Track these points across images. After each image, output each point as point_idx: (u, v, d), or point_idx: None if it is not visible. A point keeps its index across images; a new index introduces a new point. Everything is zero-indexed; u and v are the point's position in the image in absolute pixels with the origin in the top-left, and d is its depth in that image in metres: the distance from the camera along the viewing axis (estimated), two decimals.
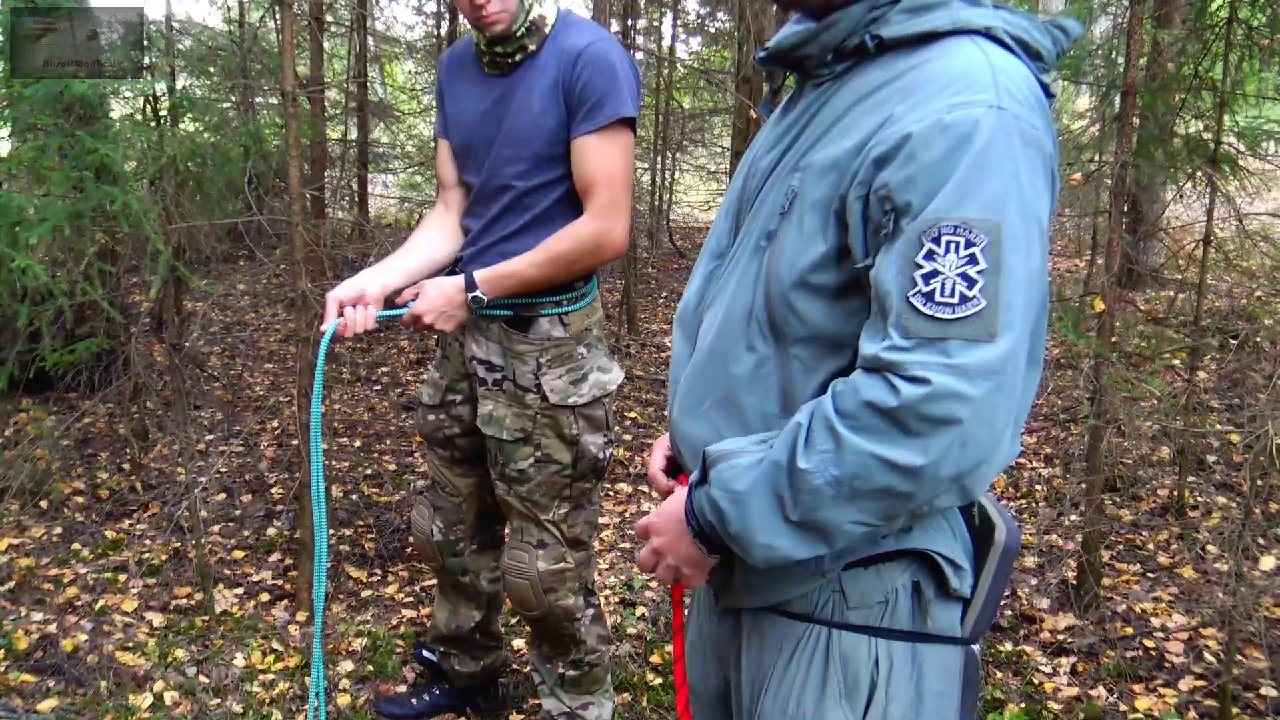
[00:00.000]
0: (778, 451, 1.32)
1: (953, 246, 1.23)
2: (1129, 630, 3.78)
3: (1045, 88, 1.38)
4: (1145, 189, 6.30)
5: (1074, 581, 3.97)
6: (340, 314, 2.49)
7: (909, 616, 1.47)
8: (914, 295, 1.24)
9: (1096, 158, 5.18)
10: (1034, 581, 4.12)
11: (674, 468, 1.67)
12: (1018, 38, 1.36)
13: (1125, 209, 6.47)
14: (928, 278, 1.24)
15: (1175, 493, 4.75)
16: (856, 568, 1.44)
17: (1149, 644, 3.70)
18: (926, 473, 1.23)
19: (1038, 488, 5.05)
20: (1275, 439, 3.20)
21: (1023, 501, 4.94)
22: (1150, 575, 4.20)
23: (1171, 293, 7.09)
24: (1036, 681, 3.50)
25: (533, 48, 2.57)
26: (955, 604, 1.51)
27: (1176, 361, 6.04)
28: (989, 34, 1.34)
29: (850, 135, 1.35)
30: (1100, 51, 5.57)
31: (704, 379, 1.50)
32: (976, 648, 1.56)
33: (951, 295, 1.23)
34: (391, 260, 2.70)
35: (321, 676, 2.42)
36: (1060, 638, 3.75)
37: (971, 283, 1.22)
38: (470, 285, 2.53)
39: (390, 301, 2.61)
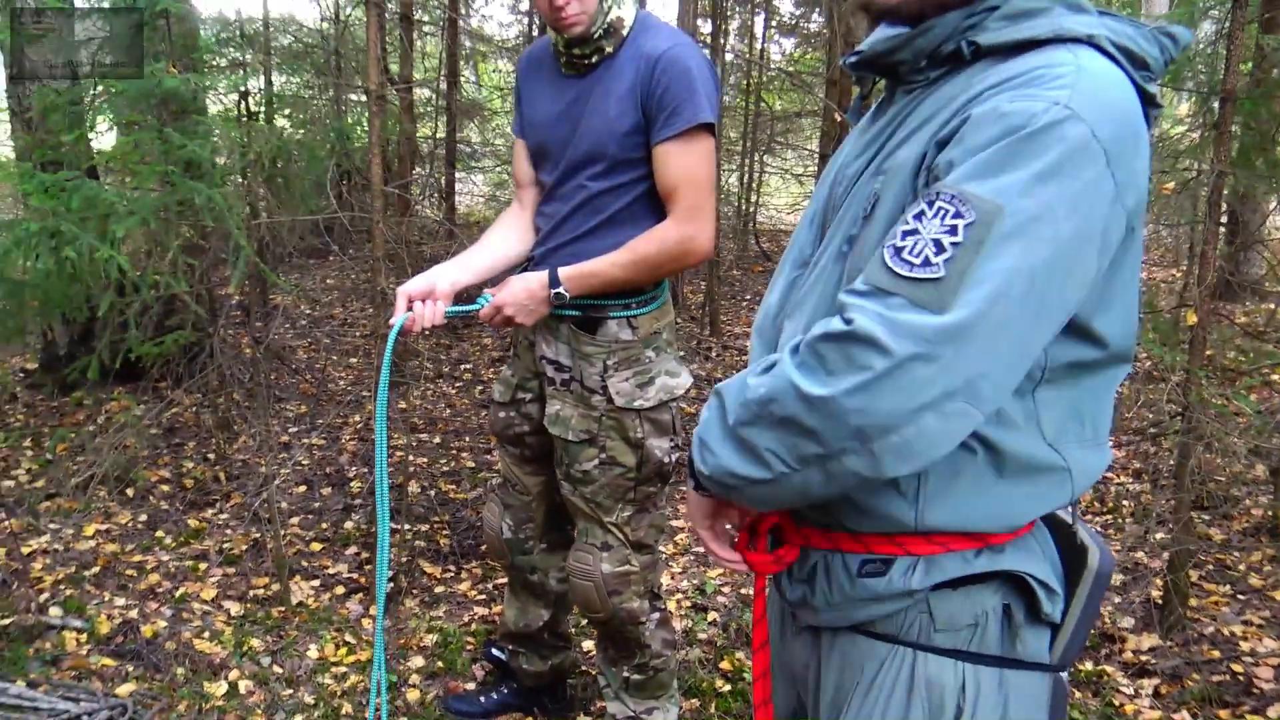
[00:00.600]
0: (744, 375, 1.34)
1: (940, 213, 1.20)
2: (1216, 653, 3.67)
3: (1149, 98, 1.32)
4: (1245, 198, 6.11)
5: (1159, 601, 3.86)
6: (409, 308, 2.51)
7: (998, 641, 1.43)
8: (887, 248, 1.23)
9: (1194, 166, 5.05)
10: (1117, 599, 4.01)
11: None
12: (1122, 47, 1.30)
13: (1224, 219, 6.31)
14: (906, 234, 1.22)
15: (1270, 513, 4.61)
16: (945, 589, 1.41)
17: (1237, 668, 3.58)
18: (826, 408, 1.20)
19: (1125, 503, 4.92)
20: None
21: (1109, 516, 4.82)
22: (1240, 597, 4.07)
23: (1272, 305, 6.89)
24: (1117, 703, 3.41)
25: (610, 50, 2.55)
26: (1045, 629, 1.47)
27: (1276, 377, 5.86)
28: (1091, 42, 1.29)
29: (929, 130, 1.32)
30: (1201, 56, 5.42)
31: None
32: (1065, 676, 1.51)
33: (916, 256, 1.20)
34: (464, 257, 2.71)
35: (384, 667, 2.43)
36: (1143, 658, 3.65)
37: (940, 250, 1.18)
38: (554, 281, 2.53)
39: (461, 298, 2.61)
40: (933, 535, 1.38)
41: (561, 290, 2.53)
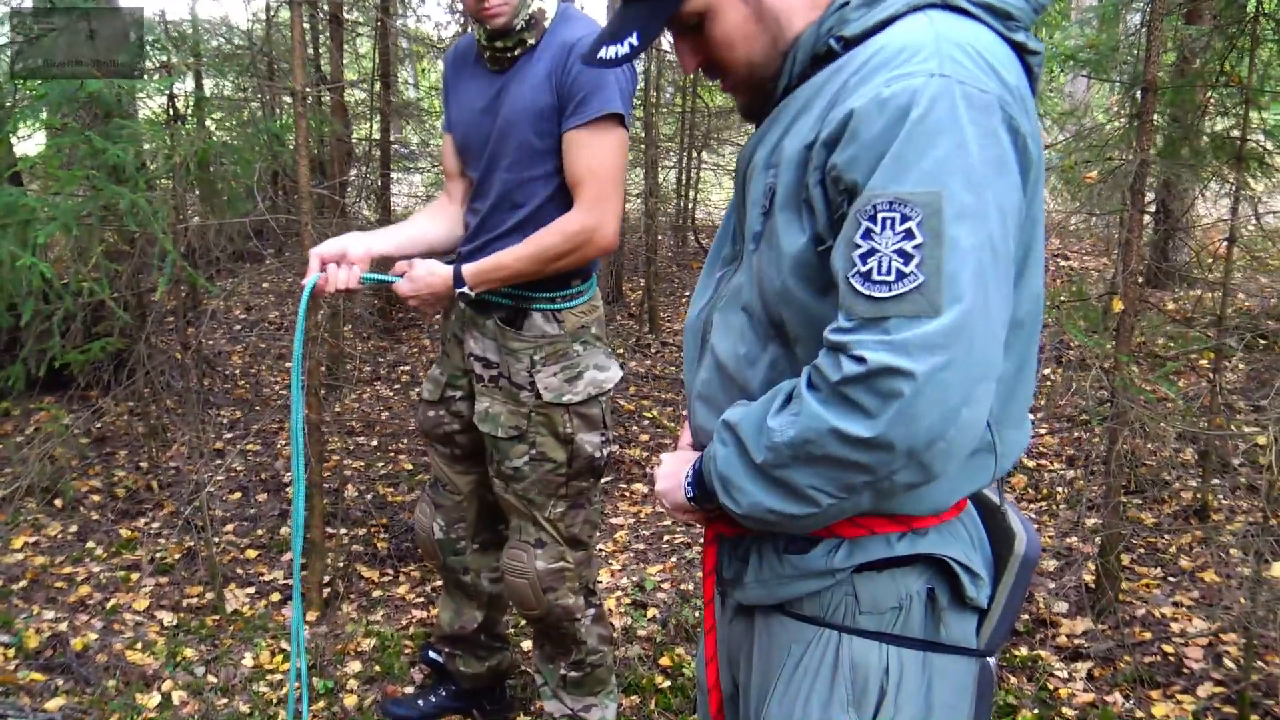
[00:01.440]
0: (762, 405, 1.34)
1: (888, 223, 1.21)
2: (1147, 635, 3.73)
3: (1020, 47, 1.36)
4: (1173, 187, 6.22)
5: (1091, 585, 3.92)
6: (323, 269, 2.49)
7: (922, 624, 1.44)
8: (853, 276, 1.23)
9: (1120, 155, 5.12)
10: (1051, 585, 4.07)
11: None
12: (981, 2, 1.34)
13: (1155, 208, 6.41)
14: (865, 257, 1.22)
15: (1199, 495, 4.68)
16: (870, 570, 1.42)
17: (1168, 649, 3.64)
18: (875, 445, 1.21)
19: (1059, 490, 4.99)
20: None
21: (1043, 504, 4.88)
22: (1171, 579, 4.14)
23: (1199, 292, 7.01)
24: (1052, 687, 3.45)
25: (531, 42, 2.56)
26: (971, 614, 1.49)
27: (1204, 362, 5.97)
28: (946, 4, 1.33)
29: (808, 121, 1.35)
30: (1128, 47, 5.51)
31: (722, 385, 1.49)
32: (992, 661, 1.53)
33: (888, 273, 1.20)
34: (385, 229, 2.71)
35: (302, 661, 2.41)
36: (1077, 642, 3.70)
37: (908, 258, 1.19)
38: (459, 281, 2.54)
39: (383, 270, 2.62)
40: (857, 518, 1.39)
41: (465, 290, 2.54)
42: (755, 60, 1.46)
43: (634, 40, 1.45)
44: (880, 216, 1.21)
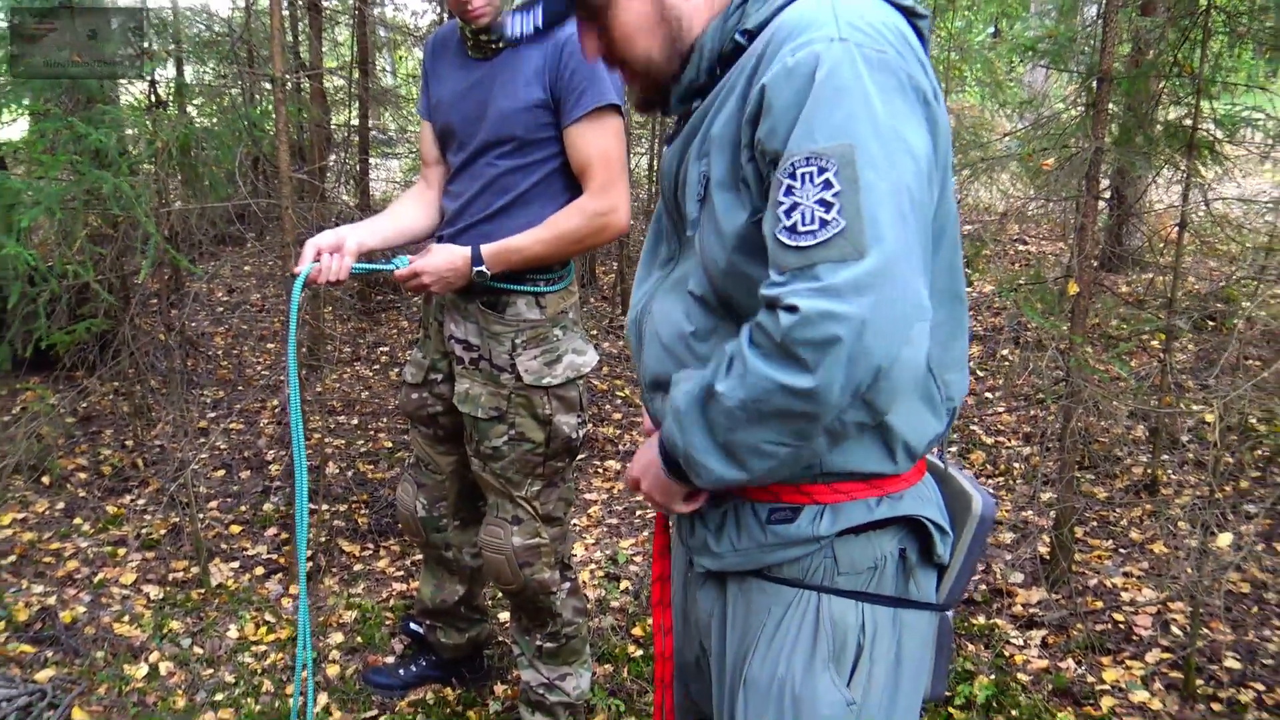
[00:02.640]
0: (707, 375, 1.36)
1: (807, 177, 1.24)
2: (1099, 604, 3.78)
3: (908, 11, 1.40)
4: (1127, 174, 6.26)
5: (1046, 557, 3.97)
6: (317, 259, 2.49)
7: (894, 582, 1.48)
8: (780, 231, 1.25)
9: (1079, 143, 5.15)
10: (1008, 557, 4.12)
11: None
12: None
13: (1110, 194, 6.45)
14: (789, 212, 1.25)
15: (1149, 471, 4.74)
16: (849, 534, 1.45)
17: (1118, 618, 3.70)
18: (819, 394, 1.23)
19: (1016, 465, 5.04)
20: (1242, 417, 3.19)
21: (1000, 479, 4.93)
22: (1122, 551, 4.20)
23: (1151, 276, 7.07)
24: (1007, 654, 3.50)
25: None
26: (934, 571, 1.54)
27: (1155, 343, 6.03)
28: None
29: (731, 104, 1.38)
30: (1084, 38, 5.53)
31: (676, 367, 1.50)
32: (950, 615, 1.58)
33: (811, 223, 1.23)
34: (371, 222, 2.70)
35: (308, 638, 2.42)
36: (1032, 611, 3.75)
37: (829, 206, 1.22)
38: (477, 259, 2.54)
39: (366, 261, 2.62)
40: (836, 484, 1.43)
41: (484, 269, 2.54)
42: (654, 58, 1.49)
43: (538, 19, 1.51)
44: (799, 173, 1.24)
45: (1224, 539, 3.96)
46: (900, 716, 1.49)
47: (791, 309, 1.21)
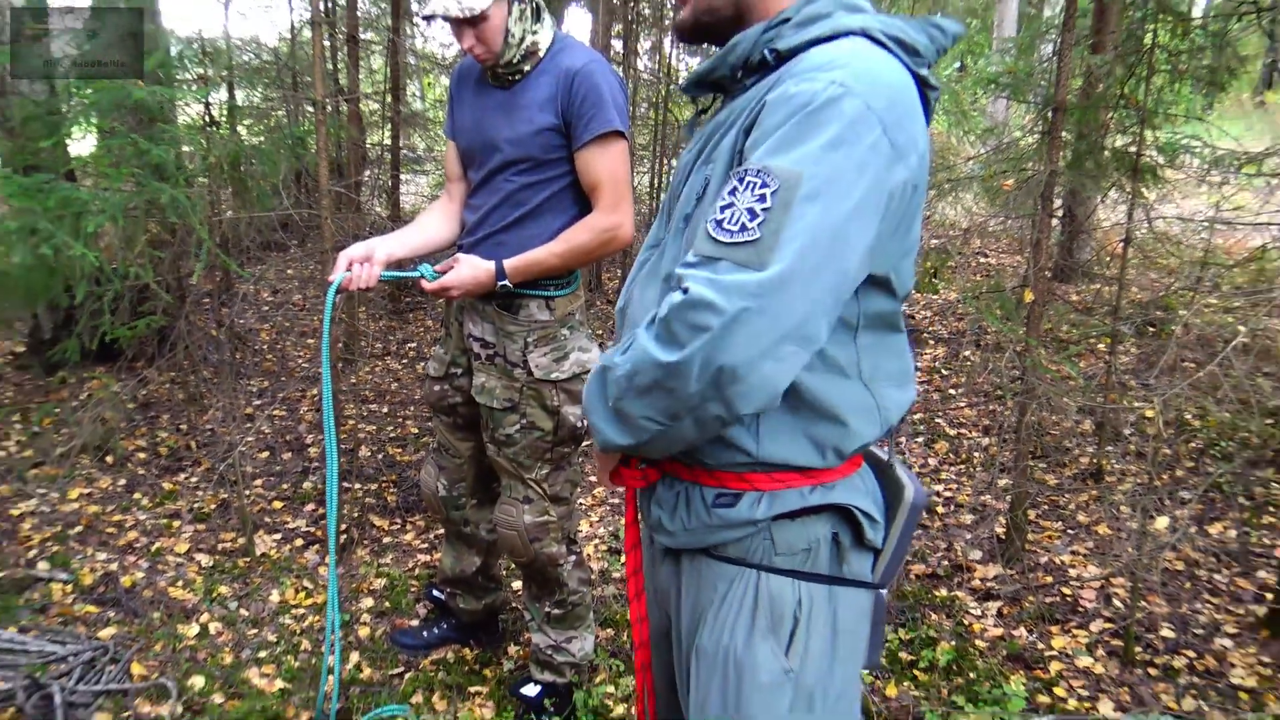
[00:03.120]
0: (612, 352, 1.36)
1: (750, 186, 1.24)
2: (1049, 579, 3.78)
3: (923, 81, 1.38)
4: (1078, 195, 6.25)
5: (1002, 536, 3.97)
6: (348, 269, 2.49)
7: (828, 563, 1.47)
8: (709, 222, 1.26)
9: (1035, 167, 5.14)
10: (968, 536, 4.12)
11: None
12: (893, 36, 1.36)
13: (1062, 213, 6.44)
14: (724, 208, 1.25)
15: (1095, 460, 4.74)
16: (784, 519, 1.44)
17: (1066, 591, 3.70)
18: (681, 369, 1.23)
19: (976, 454, 5.04)
20: (1179, 414, 3.18)
21: (962, 466, 4.93)
22: (1070, 532, 4.20)
23: (1098, 286, 7.06)
24: (967, 623, 3.50)
25: (529, 69, 2.56)
26: (868, 554, 1.52)
27: (1101, 346, 6.02)
28: (865, 33, 1.35)
29: (739, 126, 1.37)
30: (1041, 73, 5.53)
31: None
32: (884, 592, 1.56)
33: (734, 224, 1.23)
34: (400, 234, 2.70)
35: (336, 604, 2.42)
36: (989, 585, 3.75)
37: (754, 216, 1.22)
38: (500, 274, 2.55)
39: (393, 268, 2.62)
40: (774, 473, 1.42)
41: (506, 283, 2.55)
42: None
43: None
44: (746, 179, 1.24)
45: (1161, 522, 3.96)
46: (838, 683, 1.48)
47: (685, 290, 1.23)
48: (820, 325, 1.26)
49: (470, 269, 2.54)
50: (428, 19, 2.49)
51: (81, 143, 5.78)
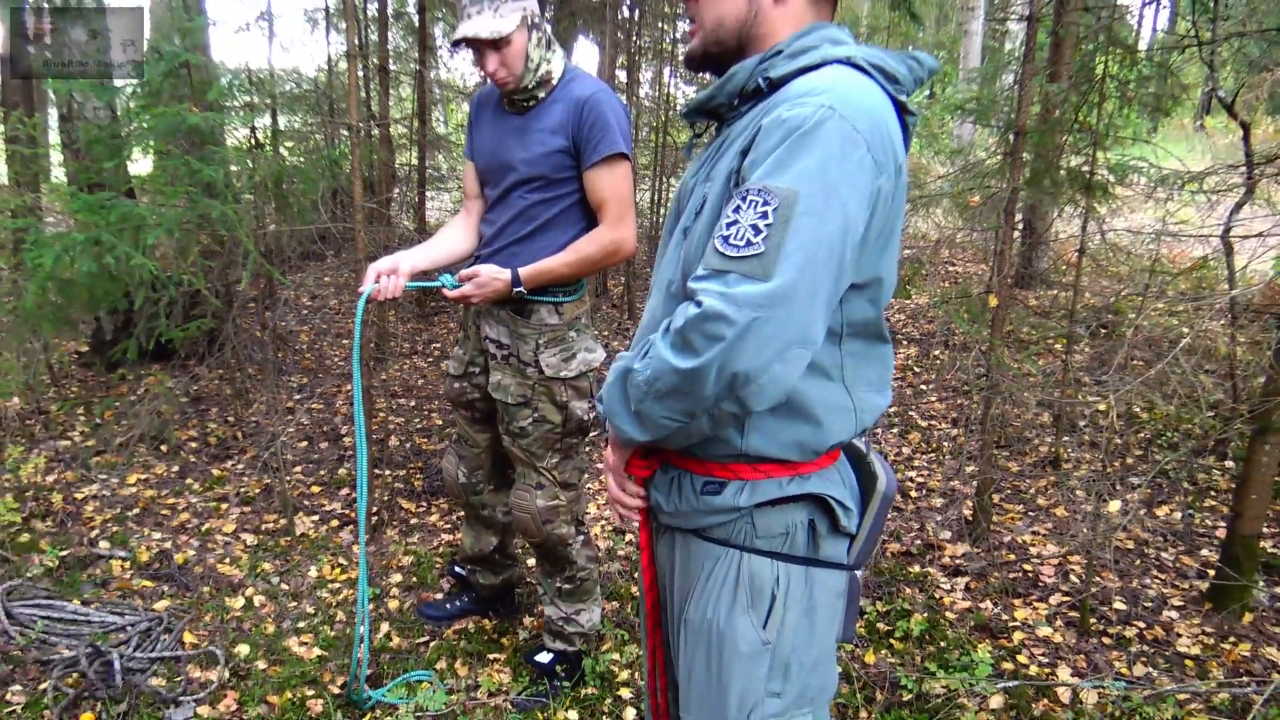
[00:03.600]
0: (632, 356, 1.36)
1: (753, 204, 1.23)
2: (1011, 557, 3.76)
3: (903, 106, 1.38)
4: (1037, 209, 6.23)
5: (969, 518, 3.94)
6: (377, 280, 2.48)
7: (804, 545, 1.46)
8: (717, 238, 1.26)
9: (996, 184, 5.11)
10: (939, 518, 4.09)
11: None
12: (876, 65, 1.36)
13: (1023, 226, 6.41)
14: (730, 225, 1.25)
15: (1053, 449, 4.72)
16: (765, 506, 1.44)
17: (1027, 568, 3.67)
18: (698, 375, 1.23)
19: (945, 444, 5.01)
20: (1129, 407, 3.16)
21: (933, 455, 4.90)
22: (1031, 514, 4.17)
23: (1055, 292, 7.03)
24: (937, 597, 3.47)
25: (543, 95, 2.54)
26: (843, 539, 1.51)
27: (1058, 346, 5.99)
28: (850, 62, 1.35)
29: (737, 145, 1.37)
30: (1004, 99, 5.50)
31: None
32: (859, 573, 1.55)
33: (740, 239, 1.23)
34: (424, 247, 2.68)
35: (366, 579, 2.40)
36: (957, 562, 3.72)
37: (758, 231, 1.21)
38: (516, 281, 2.53)
39: (418, 277, 2.61)
40: (756, 464, 1.42)
41: (521, 289, 2.54)
42: (726, 23, 1.45)
43: None
44: (749, 199, 1.24)
45: (1113, 505, 3.93)
46: (814, 654, 1.48)
47: (699, 304, 1.22)
48: (820, 328, 1.26)
49: (489, 276, 2.53)
50: (458, 43, 2.47)
51: (141, 163, 5.77)
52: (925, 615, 3.31)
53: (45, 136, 6.63)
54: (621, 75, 8.03)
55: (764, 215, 1.21)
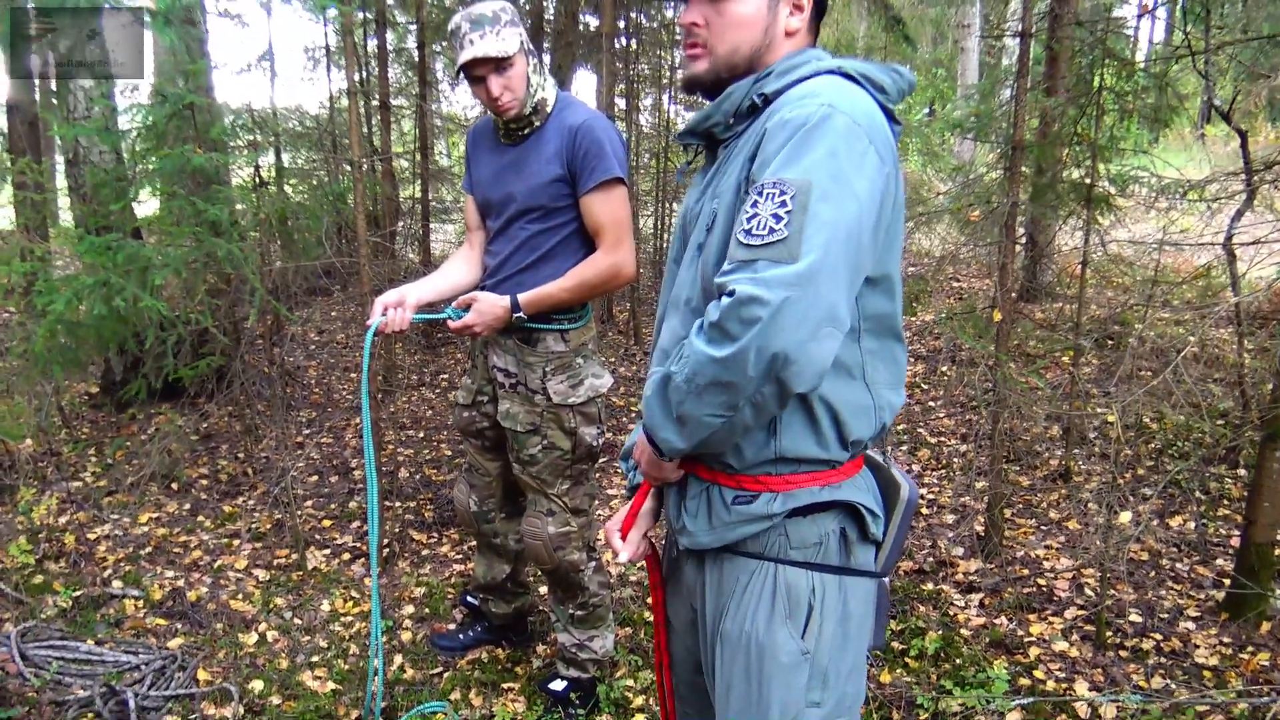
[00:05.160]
0: (663, 368, 1.39)
1: (770, 196, 1.28)
2: (1025, 572, 3.75)
3: (890, 113, 1.44)
4: (1039, 223, 6.24)
5: (981, 533, 3.93)
6: (384, 313, 2.51)
7: (837, 555, 1.49)
8: (740, 231, 1.30)
9: (999, 199, 5.13)
10: (950, 534, 4.08)
11: None
12: (862, 74, 1.43)
13: (1025, 240, 6.41)
14: (750, 219, 1.29)
15: (1063, 462, 4.71)
16: (797, 516, 1.46)
17: (1041, 582, 3.66)
18: (738, 360, 1.25)
19: (955, 460, 5.01)
20: (1137, 418, 3.16)
21: (943, 471, 4.90)
22: (1043, 528, 4.16)
23: (1060, 304, 7.03)
24: (952, 614, 3.46)
25: (538, 123, 2.57)
26: (871, 546, 1.54)
27: (1065, 359, 5.98)
28: (840, 71, 1.42)
29: (741, 159, 1.42)
30: (1003, 114, 5.52)
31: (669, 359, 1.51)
32: (886, 580, 1.58)
33: (763, 229, 1.27)
34: (429, 279, 2.71)
35: (379, 612, 2.41)
36: (971, 578, 3.71)
37: (779, 219, 1.26)
38: (515, 307, 2.55)
39: (424, 309, 2.63)
40: (787, 475, 1.44)
41: (521, 315, 2.56)
42: (741, 51, 1.50)
43: None
44: (765, 191, 1.29)
45: (1125, 516, 3.92)
46: (849, 662, 1.51)
47: (730, 293, 1.26)
48: (846, 309, 1.29)
49: (489, 306, 2.55)
50: (461, 70, 2.49)
51: (146, 205, 5.82)
52: (940, 633, 3.30)
53: (53, 181, 6.70)
54: (621, 103, 8.10)
55: (783, 204, 1.26)
